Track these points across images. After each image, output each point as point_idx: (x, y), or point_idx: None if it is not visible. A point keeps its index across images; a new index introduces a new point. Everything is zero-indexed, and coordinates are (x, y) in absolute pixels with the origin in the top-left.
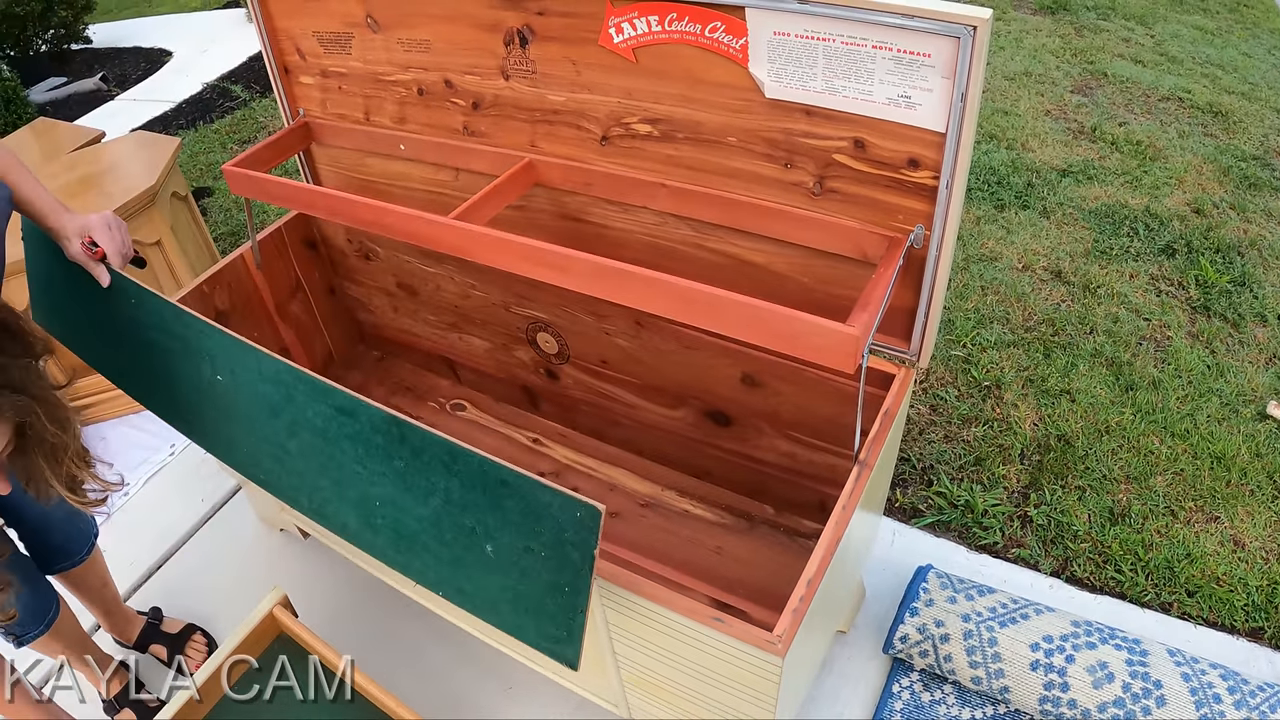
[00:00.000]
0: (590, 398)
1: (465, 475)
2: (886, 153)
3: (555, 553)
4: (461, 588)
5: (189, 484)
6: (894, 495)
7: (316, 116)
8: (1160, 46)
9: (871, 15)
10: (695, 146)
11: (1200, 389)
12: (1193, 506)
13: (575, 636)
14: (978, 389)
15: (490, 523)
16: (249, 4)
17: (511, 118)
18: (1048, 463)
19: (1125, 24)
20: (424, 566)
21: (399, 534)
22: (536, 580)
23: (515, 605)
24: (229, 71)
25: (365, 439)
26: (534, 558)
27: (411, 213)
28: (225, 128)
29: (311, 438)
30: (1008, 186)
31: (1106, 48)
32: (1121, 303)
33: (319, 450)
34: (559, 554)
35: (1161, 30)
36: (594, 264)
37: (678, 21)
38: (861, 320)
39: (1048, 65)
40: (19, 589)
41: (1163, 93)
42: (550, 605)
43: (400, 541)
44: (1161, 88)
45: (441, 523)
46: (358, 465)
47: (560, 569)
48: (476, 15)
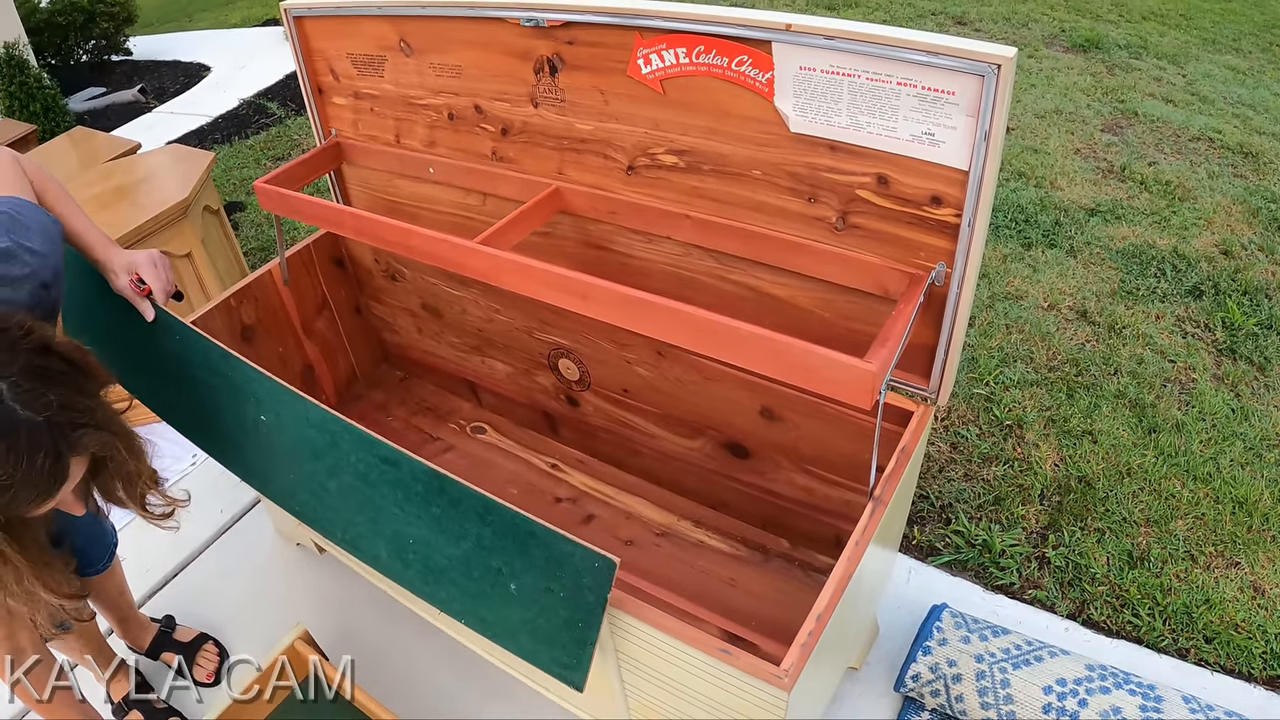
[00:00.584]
0: (610, 425)
1: (497, 525)
2: (909, 189)
3: (573, 595)
4: (484, 618)
5: (208, 494)
6: (911, 533)
7: (348, 137)
8: (1192, 86)
9: (896, 52)
10: (720, 179)
11: (1224, 432)
12: (1213, 551)
13: (584, 664)
14: (999, 428)
15: (516, 565)
16: (285, 25)
17: (539, 145)
18: (1067, 504)
19: (1157, 63)
20: (450, 598)
21: (429, 569)
22: (554, 616)
23: (533, 635)
24: (266, 88)
25: (405, 486)
26: (553, 597)
27: (438, 236)
28: (260, 144)
29: (353, 480)
30: (1035, 225)
31: (1138, 87)
32: (1147, 344)
33: (358, 492)
34: (576, 596)
35: (1193, 70)
36: (615, 293)
37: (705, 54)
38: (880, 356)
39: (1078, 103)
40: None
41: (1193, 132)
42: (564, 637)
43: (429, 575)
44: (1192, 127)
45: (470, 562)
46: (396, 508)
47: (576, 608)
48: (508, 43)
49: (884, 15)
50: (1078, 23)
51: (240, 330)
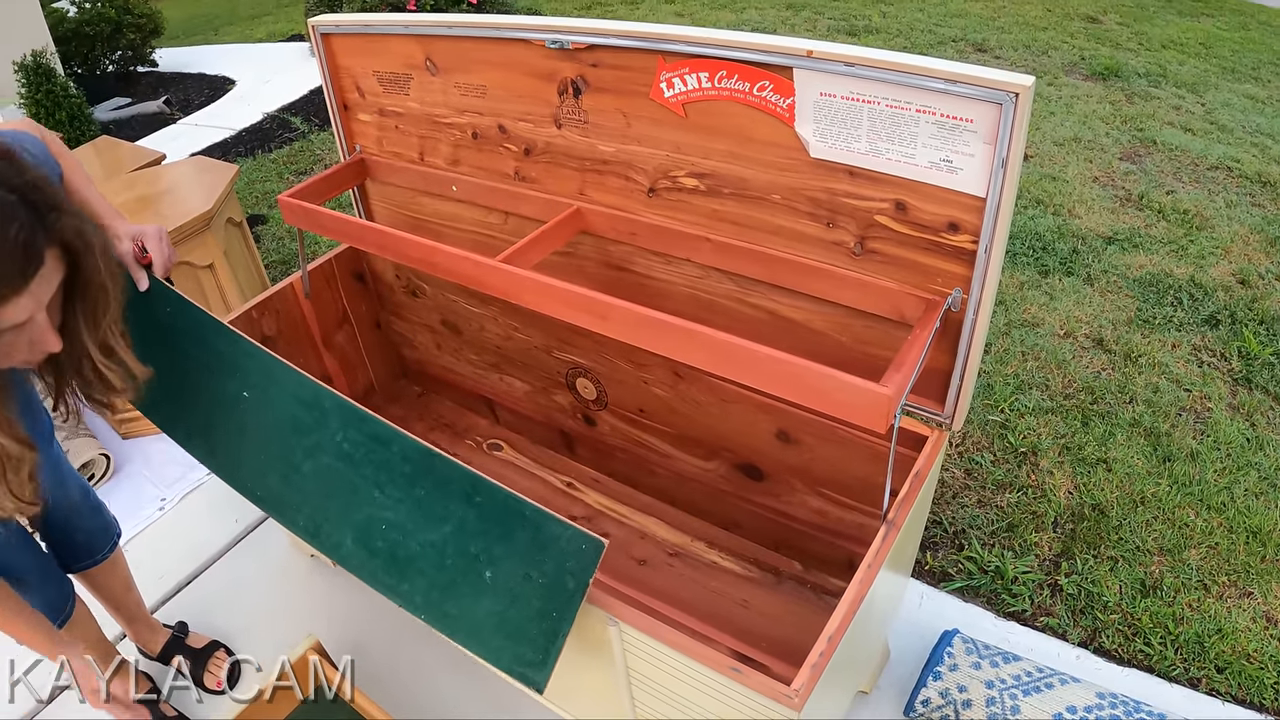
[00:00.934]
0: (626, 445)
1: (484, 506)
2: (927, 216)
3: (553, 581)
4: (449, 612)
5: (224, 504)
6: (924, 558)
7: (372, 154)
8: (1211, 115)
9: (916, 79)
10: (740, 202)
11: (1239, 462)
12: (1226, 581)
13: (549, 662)
14: (1014, 455)
15: (496, 551)
16: (313, 41)
17: (562, 165)
18: (1081, 532)
19: (1176, 91)
20: (413, 590)
21: (395, 558)
22: (527, 606)
23: (499, 630)
24: (289, 103)
25: (391, 466)
26: (531, 584)
27: (459, 253)
28: (283, 158)
29: (332, 460)
30: (1053, 252)
31: (1157, 115)
32: (1162, 373)
33: (335, 474)
34: (557, 582)
35: (1212, 98)
36: (634, 313)
37: (727, 79)
38: (895, 381)
39: (1097, 131)
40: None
41: (1211, 161)
42: (533, 630)
43: (394, 565)
44: (1210, 156)
45: (446, 548)
46: (375, 490)
47: (553, 596)
48: (533, 64)
49: (904, 41)
50: (1097, 51)
51: (261, 341)
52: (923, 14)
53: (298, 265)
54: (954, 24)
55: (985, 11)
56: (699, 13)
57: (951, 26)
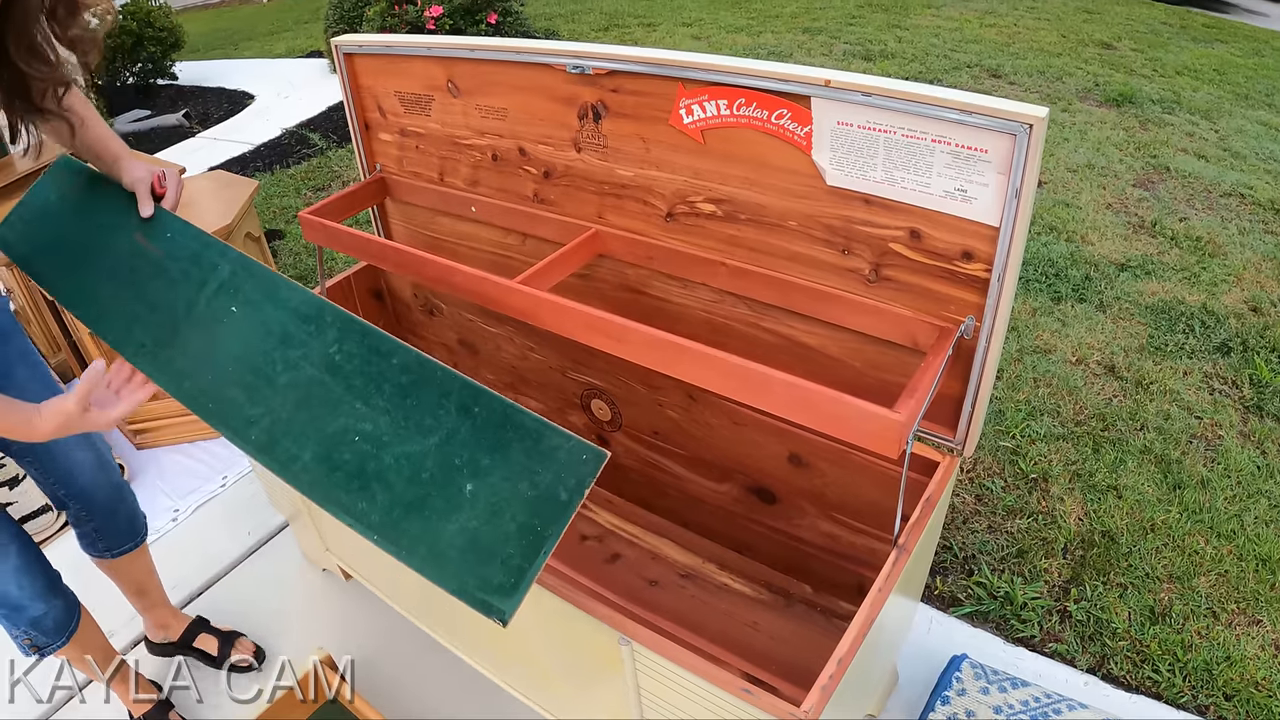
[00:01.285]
0: (639, 466)
1: (482, 417)
2: (941, 244)
3: (545, 492)
4: (407, 531)
5: (238, 516)
6: (934, 583)
7: (392, 173)
8: (1224, 141)
9: (931, 110)
10: (756, 228)
11: (1249, 490)
12: (1235, 609)
13: (521, 588)
14: (1024, 481)
15: (484, 463)
16: (335, 61)
17: (581, 189)
18: (1090, 558)
19: (1190, 118)
20: (370, 509)
21: (361, 472)
22: (508, 522)
23: (467, 550)
24: (308, 119)
25: (385, 377)
26: (518, 498)
27: (478, 274)
28: (301, 173)
29: (316, 371)
30: (1065, 279)
31: (1170, 142)
32: (1174, 400)
33: (318, 384)
34: (549, 494)
35: (1226, 125)
36: (650, 336)
37: (745, 107)
38: (908, 407)
39: (1111, 158)
40: None
41: (1225, 188)
42: (509, 550)
43: (355, 480)
44: (1224, 183)
45: (426, 461)
46: (358, 402)
47: (541, 508)
48: (553, 88)
49: (919, 66)
50: (1111, 77)
51: None
52: (938, 39)
53: (316, 281)
54: (969, 49)
55: (1000, 37)
56: (715, 35)
57: (966, 52)
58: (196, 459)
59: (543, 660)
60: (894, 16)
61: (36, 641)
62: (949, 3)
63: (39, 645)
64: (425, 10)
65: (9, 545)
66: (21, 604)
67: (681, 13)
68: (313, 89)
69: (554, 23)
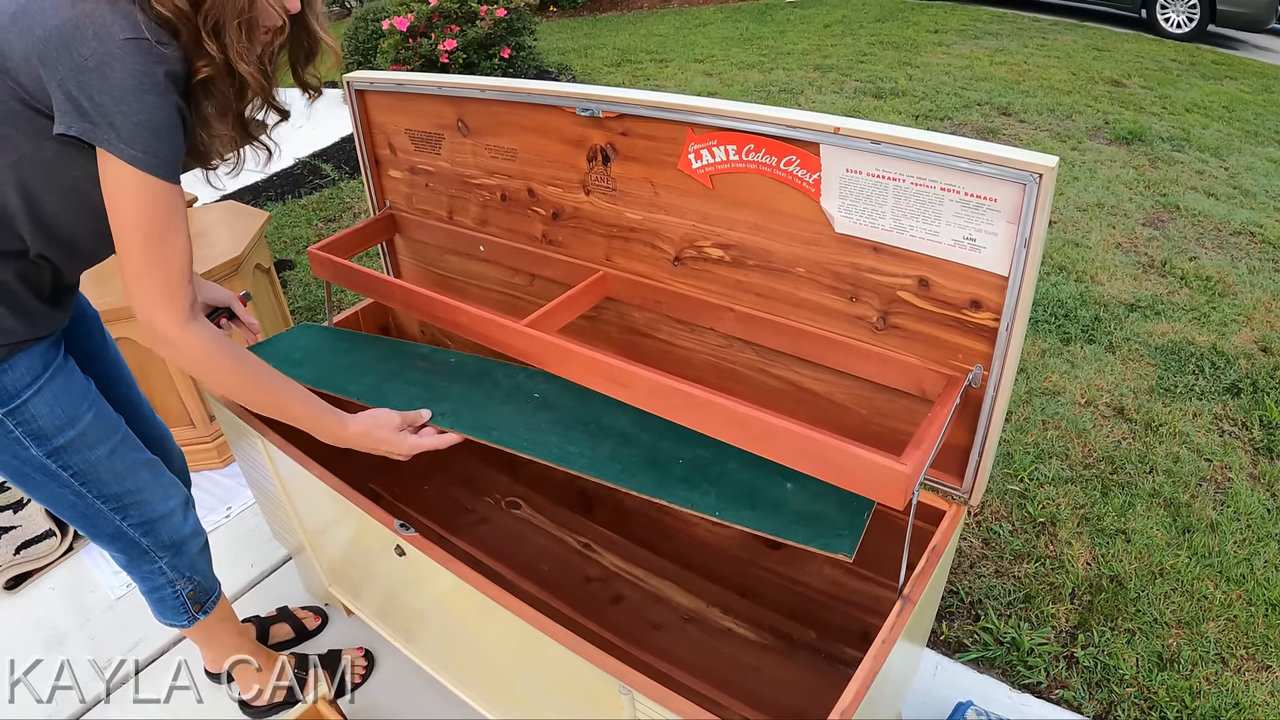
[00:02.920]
0: (644, 508)
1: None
2: (950, 293)
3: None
4: (743, 514)
5: (241, 548)
6: (940, 628)
7: (402, 210)
8: (1234, 179)
9: (941, 158)
10: (764, 274)
11: (1259, 533)
12: (1244, 654)
13: (855, 538)
14: (1032, 525)
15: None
16: (348, 97)
17: (589, 231)
18: (1098, 603)
19: (1199, 156)
20: (705, 499)
21: (686, 479)
22: (829, 503)
23: (801, 519)
24: (321, 150)
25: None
26: (829, 491)
27: (485, 314)
28: (312, 204)
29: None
30: (1075, 320)
31: (1180, 180)
32: (1183, 442)
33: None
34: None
35: (1235, 162)
36: (655, 382)
37: (754, 153)
38: (914, 458)
39: (1120, 197)
40: None
41: (1235, 226)
42: (836, 515)
43: (684, 484)
44: (1234, 221)
45: (743, 474)
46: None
47: (848, 497)
48: (563, 130)
49: (930, 105)
50: (1121, 115)
51: None
52: (948, 77)
53: (325, 315)
54: (979, 87)
55: (1010, 75)
56: (728, 72)
57: (977, 90)
58: (203, 489)
59: (543, 704)
60: (905, 54)
61: (200, 590)
62: (959, 40)
63: (201, 599)
64: (439, 44)
65: (149, 456)
66: (182, 534)
67: (694, 49)
68: (326, 119)
69: (567, 57)
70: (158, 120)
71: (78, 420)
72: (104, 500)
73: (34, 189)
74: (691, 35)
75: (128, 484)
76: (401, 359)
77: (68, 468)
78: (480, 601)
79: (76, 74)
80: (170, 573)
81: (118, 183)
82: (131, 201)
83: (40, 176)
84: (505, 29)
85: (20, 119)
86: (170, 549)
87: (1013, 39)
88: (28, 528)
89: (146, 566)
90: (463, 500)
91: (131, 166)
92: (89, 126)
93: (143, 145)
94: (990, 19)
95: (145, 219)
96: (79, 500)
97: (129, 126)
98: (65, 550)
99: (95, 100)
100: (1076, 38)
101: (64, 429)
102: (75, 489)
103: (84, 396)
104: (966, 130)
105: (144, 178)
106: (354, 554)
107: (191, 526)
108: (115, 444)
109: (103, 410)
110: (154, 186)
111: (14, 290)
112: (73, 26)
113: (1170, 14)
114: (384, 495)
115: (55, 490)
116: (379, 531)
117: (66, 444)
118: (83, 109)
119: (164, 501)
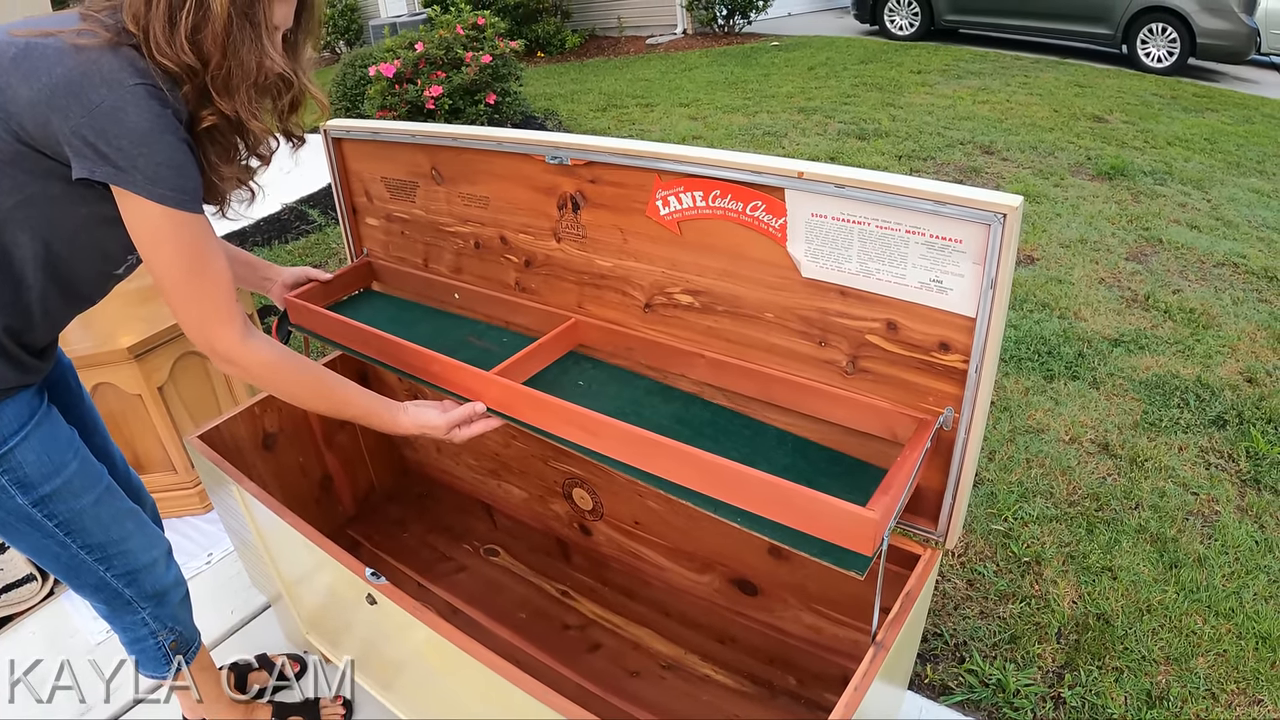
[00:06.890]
0: (621, 556)
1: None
2: (918, 335)
3: None
4: None
5: (221, 594)
6: (924, 670)
7: (379, 257)
8: (1216, 211)
9: (905, 201)
10: (734, 320)
11: (1247, 565)
12: (1235, 689)
13: None
14: (1017, 564)
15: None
16: (325, 145)
17: (561, 278)
18: (1085, 642)
19: (1182, 188)
20: None
21: None
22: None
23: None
24: (308, 195)
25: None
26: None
27: (455, 364)
28: (299, 249)
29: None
30: (1058, 356)
31: (1162, 213)
32: (1169, 476)
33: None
34: None
35: (1218, 194)
36: (624, 431)
37: (721, 199)
38: (882, 504)
39: (1103, 232)
40: None
41: (1218, 258)
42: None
43: None
44: (1217, 253)
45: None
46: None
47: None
48: (534, 178)
49: (913, 144)
50: (1103, 150)
51: (262, 438)
52: (931, 116)
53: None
54: (962, 126)
55: (993, 113)
56: (712, 116)
57: (960, 129)
58: (183, 534)
59: None
60: (888, 95)
61: (181, 641)
62: (942, 80)
63: (183, 649)
64: (425, 90)
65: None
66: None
67: (679, 93)
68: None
69: (553, 102)
70: (178, 159)
71: (64, 468)
72: (88, 550)
73: (40, 227)
74: (677, 80)
75: (112, 533)
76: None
77: (53, 517)
78: (450, 651)
79: (91, 120)
80: (153, 623)
81: (148, 222)
82: (169, 239)
83: (48, 215)
84: (491, 75)
85: (25, 159)
86: (153, 599)
87: (995, 78)
88: (9, 571)
89: (129, 617)
90: (441, 548)
91: (162, 205)
92: (112, 170)
93: (169, 184)
94: (973, 59)
95: (185, 253)
96: (63, 550)
97: (153, 167)
98: (46, 595)
99: (114, 144)
100: (1058, 75)
101: (50, 477)
102: (60, 539)
103: (69, 444)
104: (949, 169)
105: (176, 215)
106: (329, 602)
107: (174, 576)
108: (100, 493)
109: (86, 458)
110: (186, 221)
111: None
112: (79, 74)
113: (1151, 48)
114: (363, 543)
115: (39, 540)
116: (351, 580)
117: (52, 492)
118: (102, 153)
119: (147, 551)
